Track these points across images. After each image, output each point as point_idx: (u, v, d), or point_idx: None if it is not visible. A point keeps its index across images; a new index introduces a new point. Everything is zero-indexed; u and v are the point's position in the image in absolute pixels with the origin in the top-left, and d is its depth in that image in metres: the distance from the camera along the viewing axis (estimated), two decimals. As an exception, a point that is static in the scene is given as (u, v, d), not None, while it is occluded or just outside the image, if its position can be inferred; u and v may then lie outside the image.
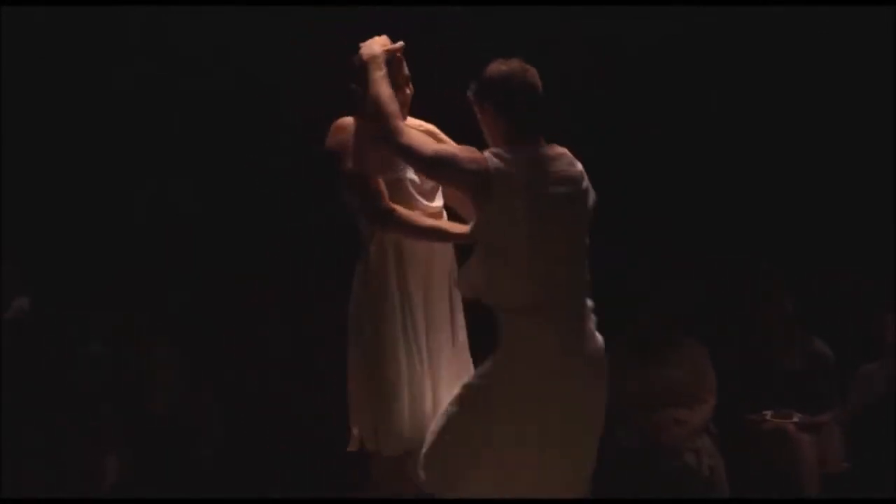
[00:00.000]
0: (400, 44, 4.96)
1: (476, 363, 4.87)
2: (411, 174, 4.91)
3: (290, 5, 8.32)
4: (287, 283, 8.32)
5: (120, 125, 8.66)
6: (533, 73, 4.74)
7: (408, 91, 4.99)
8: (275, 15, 8.39)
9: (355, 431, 4.95)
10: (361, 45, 4.92)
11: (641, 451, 7.06)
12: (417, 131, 4.90)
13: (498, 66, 4.74)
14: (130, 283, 8.21)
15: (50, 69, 8.57)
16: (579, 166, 4.77)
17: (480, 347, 4.85)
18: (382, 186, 4.84)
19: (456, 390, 4.77)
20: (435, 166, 4.69)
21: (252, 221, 8.68)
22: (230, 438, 7.49)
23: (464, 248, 4.83)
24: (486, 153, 4.66)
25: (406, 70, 4.99)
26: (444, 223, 4.92)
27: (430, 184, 4.94)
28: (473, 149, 4.70)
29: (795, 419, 7.23)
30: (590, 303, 4.75)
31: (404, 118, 4.92)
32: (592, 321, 4.76)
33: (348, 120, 4.94)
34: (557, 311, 4.64)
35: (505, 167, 4.63)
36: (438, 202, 4.98)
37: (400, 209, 4.84)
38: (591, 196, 4.79)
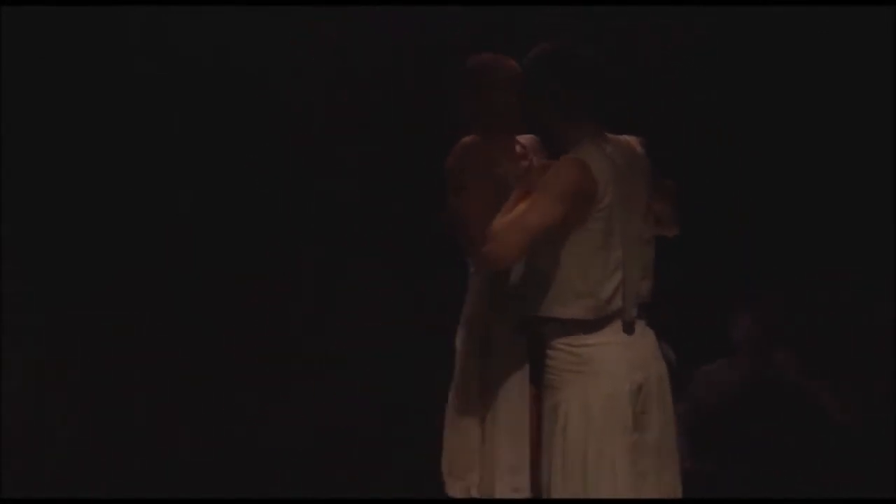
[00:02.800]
0: None
1: None
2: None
3: (289, 5, 8.32)
4: (278, 282, 8.34)
5: (118, 124, 8.68)
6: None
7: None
8: (275, 15, 8.39)
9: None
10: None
11: None
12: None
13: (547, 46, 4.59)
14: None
15: (50, 69, 8.57)
16: None
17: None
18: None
19: None
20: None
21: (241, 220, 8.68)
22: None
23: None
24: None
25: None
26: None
27: None
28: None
29: None
30: None
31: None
32: None
33: (470, 140, 4.67)
34: None
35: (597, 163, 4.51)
36: None
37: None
38: None
